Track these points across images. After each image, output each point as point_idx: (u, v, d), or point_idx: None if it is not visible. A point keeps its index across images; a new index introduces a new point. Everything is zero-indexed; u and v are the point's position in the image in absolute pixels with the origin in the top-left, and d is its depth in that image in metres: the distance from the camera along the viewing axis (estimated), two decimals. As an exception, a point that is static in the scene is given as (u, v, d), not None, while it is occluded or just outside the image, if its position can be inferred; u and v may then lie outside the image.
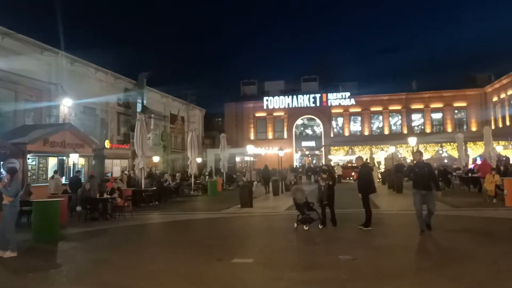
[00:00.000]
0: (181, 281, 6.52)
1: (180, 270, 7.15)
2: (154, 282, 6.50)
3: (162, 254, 8.67)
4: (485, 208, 14.57)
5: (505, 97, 41.54)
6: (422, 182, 9.68)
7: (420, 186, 9.69)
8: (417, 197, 9.70)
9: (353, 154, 45.94)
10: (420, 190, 9.66)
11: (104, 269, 7.47)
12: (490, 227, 10.82)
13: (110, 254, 8.83)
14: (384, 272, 6.65)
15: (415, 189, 9.81)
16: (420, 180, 9.71)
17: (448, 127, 46.85)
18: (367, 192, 10.96)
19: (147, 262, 7.85)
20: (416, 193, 9.77)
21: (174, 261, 7.90)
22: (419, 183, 9.74)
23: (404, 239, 9.45)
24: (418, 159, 10.24)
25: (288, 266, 7.29)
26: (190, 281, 6.47)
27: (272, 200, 20.83)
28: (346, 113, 49.50)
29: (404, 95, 48.20)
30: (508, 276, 6.23)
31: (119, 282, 6.62)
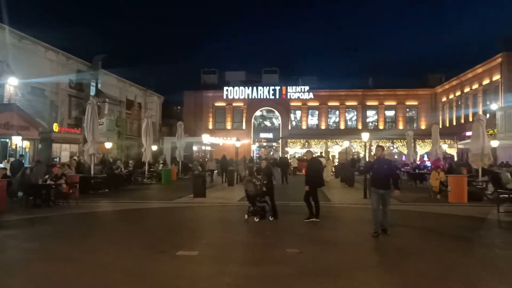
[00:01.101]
0: (120, 274, 6.22)
1: (122, 263, 6.84)
2: (92, 275, 6.15)
3: (105, 245, 8.29)
4: (430, 203, 15.14)
5: (453, 98, 43.44)
6: (381, 181, 9.02)
7: (378, 184, 9.05)
8: (375, 197, 9.06)
9: (310, 147, 46.62)
10: (378, 189, 9.00)
11: (39, 261, 7.02)
12: (434, 223, 11.22)
13: (48, 244, 8.33)
14: (330, 268, 6.67)
15: (373, 187, 9.23)
16: (379, 178, 9.06)
17: (400, 124, 48.45)
18: (315, 185, 11.02)
19: (87, 253, 7.47)
20: (373, 192, 9.16)
21: (116, 252, 7.56)
22: (377, 181, 9.11)
23: (352, 234, 9.59)
24: (379, 154, 9.46)
25: (234, 259, 7.16)
26: (130, 275, 6.19)
27: (226, 190, 20.71)
28: (305, 106, 50.01)
29: (361, 91, 49.29)
30: (451, 272, 6.40)
31: (54, 275, 6.20)
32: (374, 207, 9.01)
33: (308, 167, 11.36)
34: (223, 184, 23.71)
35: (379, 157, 9.41)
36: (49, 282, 5.88)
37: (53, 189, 14.06)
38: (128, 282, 5.87)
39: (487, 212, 12.50)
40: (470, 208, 13.66)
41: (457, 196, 15.14)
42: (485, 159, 16.86)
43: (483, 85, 36.76)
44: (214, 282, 5.90)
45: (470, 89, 39.28)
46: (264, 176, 11.18)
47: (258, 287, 5.69)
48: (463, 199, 15.03)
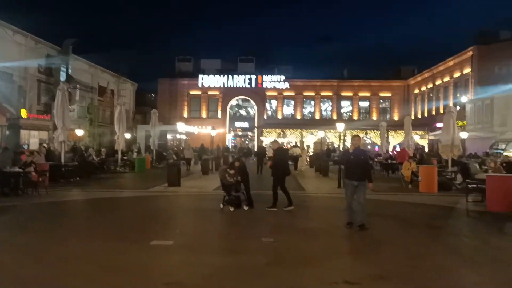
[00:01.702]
0: (92, 265, 6.06)
1: (93, 253, 6.68)
2: (61, 267, 5.96)
3: (75, 235, 8.08)
4: (402, 193, 15.47)
5: (425, 90, 44.38)
6: (356, 172, 8.61)
7: (352, 176, 8.64)
8: (349, 188, 8.71)
9: (285, 136, 46.86)
10: (353, 181, 8.62)
11: (5, 253, 6.77)
12: (405, 212, 11.46)
13: (14, 234, 8.04)
14: (304, 256, 6.72)
15: (347, 179, 8.83)
16: (354, 169, 8.66)
17: (374, 115, 49.20)
18: (282, 175, 11.04)
19: (57, 244, 7.27)
20: (348, 184, 8.77)
21: (87, 243, 7.37)
22: (352, 172, 8.70)
23: (326, 223, 9.68)
24: (357, 144, 9.04)
25: (209, 249, 7.12)
26: (102, 265, 6.05)
27: (201, 179, 20.58)
28: (280, 96, 50.07)
29: (336, 82, 49.69)
30: (422, 260, 6.54)
31: (19, 269, 5.92)
32: (348, 199, 8.72)
33: (275, 157, 11.39)
34: (199, 173, 23.56)
35: (356, 147, 8.99)
36: (14, 275, 5.66)
37: (22, 177, 13.61)
38: (100, 272, 5.74)
39: (456, 201, 12.86)
40: (439, 197, 14.02)
41: (427, 186, 15.51)
42: (455, 150, 17.32)
43: (454, 78, 37.65)
44: (189, 272, 5.84)
45: (442, 82, 40.19)
46: (239, 173, 11.09)
47: (233, 276, 5.67)
48: (433, 188, 15.42)
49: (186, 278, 5.55)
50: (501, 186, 11.17)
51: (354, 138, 9.24)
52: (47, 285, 5.28)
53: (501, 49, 32.36)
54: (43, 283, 5.33)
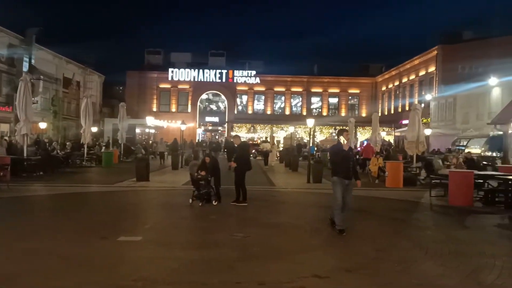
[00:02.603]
0: (57, 262, 5.90)
1: (58, 250, 6.49)
2: (25, 264, 5.77)
3: (40, 231, 7.82)
4: (369, 188, 15.77)
5: (392, 87, 45.48)
6: (347, 170, 7.99)
7: (343, 174, 7.95)
8: (339, 187, 7.93)
9: (255, 132, 46.97)
10: (343, 179, 7.94)
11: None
12: (372, 206, 11.72)
13: (-25, 230, 7.75)
14: (274, 251, 6.76)
15: (336, 177, 7.98)
16: (345, 167, 7.97)
17: (342, 111, 50.03)
18: (243, 170, 11.03)
19: (19, 240, 7.00)
20: (337, 183, 7.95)
21: (52, 239, 7.15)
22: (342, 170, 7.97)
23: (296, 217, 9.78)
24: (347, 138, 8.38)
25: (179, 244, 7.06)
26: (67, 262, 5.88)
27: (171, 174, 20.35)
28: (251, 91, 50.09)
29: (306, 78, 50.16)
30: (388, 253, 6.71)
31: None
32: (339, 200, 7.89)
33: (238, 152, 11.35)
34: (168, 168, 23.29)
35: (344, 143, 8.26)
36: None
37: (-19, 172, 13.06)
38: (66, 269, 5.59)
39: (420, 196, 13.27)
40: (405, 192, 14.42)
41: (393, 181, 15.92)
42: (420, 146, 17.82)
43: (420, 76, 38.76)
44: (158, 267, 5.77)
45: (408, 80, 41.28)
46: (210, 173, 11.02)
47: (203, 271, 5.64)
48: (399, 183, 15.84)
49: (154, 273, 5.49)
50: (462, 182, 11.60)
51: (342, 132, 8.52)
52: (11, 282, 5.08)
53: (464, 49, 33.55)
54: (6, 280, 5.13)
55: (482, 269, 5.98)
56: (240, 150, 11.43)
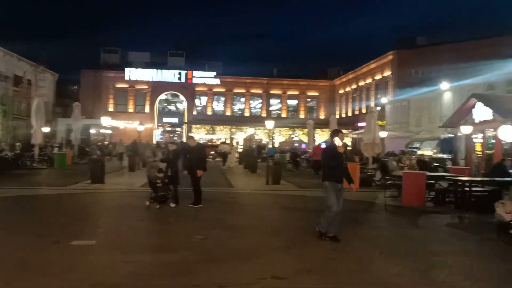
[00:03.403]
0: (7, 268, 5.57)
1: (7, 254, 6.14)
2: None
3: (-15, 236, 7.38)
4: (327, 189, 16.05)
5: (349, 90, 46.65)
6: (341, 173, 7.60)
7: (336, 178, 7.50)
8: (333, 193, 7.44)
9: (214, 133, 46.72)
10: (336, 184, 7.48)
11: None
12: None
13: None
14: (233, 253, 6.72)
15: (329, 182, 7.47)
16: (339, 170, 7.56)
17: (301, 113, 50.74)
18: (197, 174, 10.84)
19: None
20: (330, 188, 7.45)
21: (1, 244, 6.77)
22: (336, 174, 7.52)
23: (255, 219, 9.77)
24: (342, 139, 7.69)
25: (135, 248, 6.86)
26: (19, 268, 5.57)
27: (127, 176, 19.83)
28: (210, 92, 49.80)
29: (266, 80, 50.48)
30: (344, 253, 6.84)
31: None
32: (334, 207, 7.38)
33: (192, 153, 11.11)
34: (125, 170, 22.68)
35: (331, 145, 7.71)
36: None
37: None
38: (17, 275, 5.28)
39: (375, 196, 13.64)
40: (361, 193, 14.68)
41: (350, 182, 16.24)
42: (376, 148, 18.35)
43: (376, 80, 39.98)
44: (113, 272, 5.57)
45: (364, 83, 42.47)
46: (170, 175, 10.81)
47: (161, 274, 5.50)
48: (355, 185, 16.16)
49: (110, 278, 5.30)
50: (414, 182, 12.03)
51: (337, 133, 7.68)
52: None
53: (418, 55, 34.95)
54: None
55: (434, 268, 6.21)
56: (194, 151, 11.19)
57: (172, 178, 10.91)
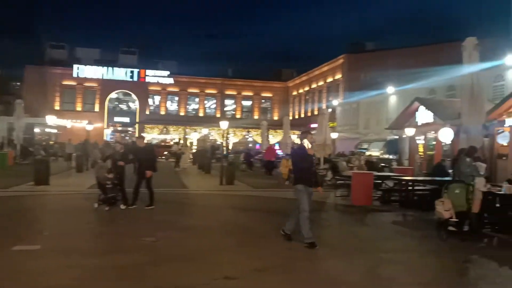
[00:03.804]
0: None
1: None
2: None
3: None
4: (280, 189, 16.31)
5: (302, 92, 47.57)
6: (311, 176, 7.47)
7: (308, 181, 7.36)
8: (306, 196, 7.28)
9: (168, 133, 46.00)
10: (308, 187, 7.36)
11: None
12: (282, 207, 12.06)
13: None
14: (186, 254, 6.67)
15: (301, 184, 7.32)
16: (310, 173, 7.45)
17: (255, 114, 51.09)
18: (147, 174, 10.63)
19: None
20: (303, 191, 7.30)
21: None
22: (308, 177, 7.39)
23: (208, 219, 9.75)
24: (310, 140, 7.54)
25: (83, 251, 6.64)
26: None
27: (75, 177, 19.08)
28: (164, 91, 48.98)
29: (220, 80, 50.36)
30: (297, 252, 6.96)
31: None
32: (307, 211, 7.21)
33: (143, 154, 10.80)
34: (72, 171, 21.82)
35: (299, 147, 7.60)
36: None
37: None
38: None
39: (326, 196, 13.96)
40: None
41: (302, 182, 16.57)
42: (327, 149, 18.85)
43: (327, 83, 41.03)
44: (59, 277, 5.36)
45: (317, 85, 43.47)
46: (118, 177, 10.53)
47: (111, 278, 5.37)
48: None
49: (56, 284, 5.11)
50: (363, 182, 12.47)
51: (306, 134, 7.57)
52: None
53: (367, 59, 36.26)
54: None
55: (380, 264, 6.49)
56: (144, 152, 10.93)
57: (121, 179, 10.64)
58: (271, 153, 23.80)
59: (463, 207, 7.84)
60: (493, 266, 6.48)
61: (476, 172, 8.38)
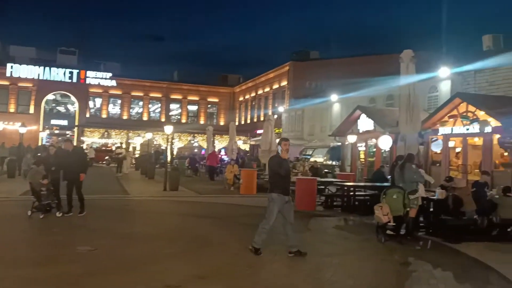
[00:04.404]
0: None
1: None
2: None
3: None
4: (224, 195, 16.25)
5: (248, 98, 47.88)
6: (288, 184, 7.32)
7: (283, 190, 7.11)
8: (276, 205, 7.05)
9: (109, 137, 44.39)
10: (284, 196, 7.09)
11: None
12: (227, 213, 12.04)
13: None
14: (126, 263, 6.41)
15: (277, 194, 7.04)
16: (286, 181, 7.27)
17: (201, 119, 50.66)
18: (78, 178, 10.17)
19: None
20: (277, 200, 7.04)
21: None
22: (284, 185, 7.17)
23: (151, 227, 9.46)
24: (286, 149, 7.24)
25: (14, 261, 6.18)
26: None
27: (6, 183, 17.84)
28: (106, 94, 47.25)
29: (166, 84, 49.45)
30: (239, 258, 6.91)
31: None
32: (272, 220, 7.09)
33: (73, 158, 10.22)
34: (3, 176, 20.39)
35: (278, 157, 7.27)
36: None
37: None
38: None
39: (271, 201, 14.09)
40: (258, 198, 15.12)
41: (247, 188, 16.65)
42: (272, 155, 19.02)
43: (273, 89, 41.59)
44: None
45: (263, 92, 43.92)
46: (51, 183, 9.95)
47: (40, 292, 5.02)
48: (253, 190, 16.63)
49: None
50: (307, 188, 12.72)
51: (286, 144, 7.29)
52: None
53: (311, 67, 37.27)
54: None
55: (321, 268, 6.61)
56: (74, 156, 10.35)
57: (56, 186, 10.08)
58: (213, 159, 23.79)
59: (400, 211, 8.20)
60: (427, 268, 6.80)
61: (421, 178, 8.77)
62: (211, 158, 23.84)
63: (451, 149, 16.95)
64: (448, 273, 6.66)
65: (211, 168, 23.40)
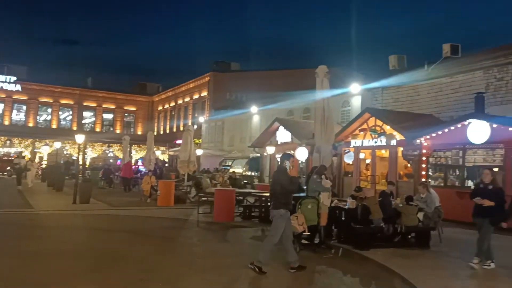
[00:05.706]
0: None
1: None
2: None
3: None
4: (140, 207, 15.61)
5: (168, 107, 46.98)
6: (291, 201, 7.25)
7: (289, 206, 7.09)
8: (283, 222, 6.91)
9: (12, 146, 40.74)
10: (288, 212, 7.04)
11: None
12: (143, 226, 11.56)
13: None
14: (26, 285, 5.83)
15: (284, 209, 6.92)
16: (291, 197, 7.24)
17: (117, 128, 48.60)
18: None
19: None
20: (285, 217, 6.94)
21: None
22: (290, 201, 7.17)
23: (58, 243, 8.76)
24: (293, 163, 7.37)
25: None
26: None
27: None
28: (9, 99, 43.44)
29: (78, 90, 46.79)
30: (152, 273, 6.62)
31: None
32: (278, 237, 6.91)
33: None
34: None
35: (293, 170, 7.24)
36: None
37: None
38: None
39: (189, 213, 13.83)
40: (175, 210, 14.80)
41: (165, 200, 16.13)
42: (191, 165, 18.77)
43: (194, 99, 41.30)
44: None
45: (183, 101, 43.40)
46: None
47: None
48: (170, 202, 16.16)
49: None
50: (225, 199, 12.67)
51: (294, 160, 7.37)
52: None
53: (232, 79, 37.68)
54: None
55: (238, 279, 6.56)
56: None
57: None
58: (127, 170, 22.95)
59: (314, 221, 8.45)
60: (338, 275, 7.07)
61: (321, 187, 9.07)
62: (125, 169, 23.00)
63: (361, 160, 18.04)
64: (356, 279, 6.98)
65: (125, 180, 22.51)
